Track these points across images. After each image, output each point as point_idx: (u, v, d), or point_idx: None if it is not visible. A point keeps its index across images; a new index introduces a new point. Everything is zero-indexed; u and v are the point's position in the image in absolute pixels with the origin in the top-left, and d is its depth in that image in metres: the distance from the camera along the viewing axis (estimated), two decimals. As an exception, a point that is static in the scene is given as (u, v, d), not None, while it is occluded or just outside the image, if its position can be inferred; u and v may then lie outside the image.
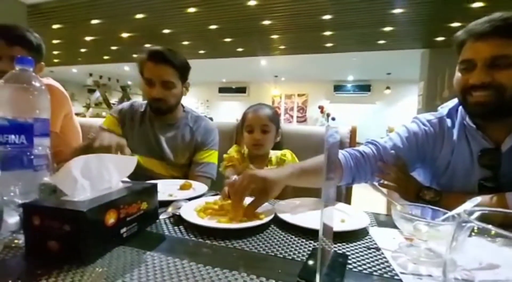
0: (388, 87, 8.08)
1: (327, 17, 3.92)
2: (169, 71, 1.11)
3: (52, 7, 4.12)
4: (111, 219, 0.47)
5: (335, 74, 8.06)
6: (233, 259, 0.47)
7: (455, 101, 0.86)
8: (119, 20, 4.40)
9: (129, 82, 8.87)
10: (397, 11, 3.65)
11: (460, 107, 0.84)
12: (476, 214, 0.30)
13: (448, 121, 0.85)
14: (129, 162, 0.58)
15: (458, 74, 0.77)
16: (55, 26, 4.79)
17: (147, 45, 1.16)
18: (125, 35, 5.04)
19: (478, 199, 0.63)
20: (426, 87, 5.14)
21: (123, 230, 0.50)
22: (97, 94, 6.87)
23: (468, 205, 0.62)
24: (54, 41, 5.58)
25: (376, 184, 0.82)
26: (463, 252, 0.28)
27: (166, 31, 4.75)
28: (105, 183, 0.52)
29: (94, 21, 4.47)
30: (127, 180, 0.61)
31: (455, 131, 0.83)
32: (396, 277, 0.44)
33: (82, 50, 6.24)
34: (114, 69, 8.00)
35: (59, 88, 1.31)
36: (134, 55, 5.68)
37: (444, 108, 0.89)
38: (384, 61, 6.25)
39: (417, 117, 0.90)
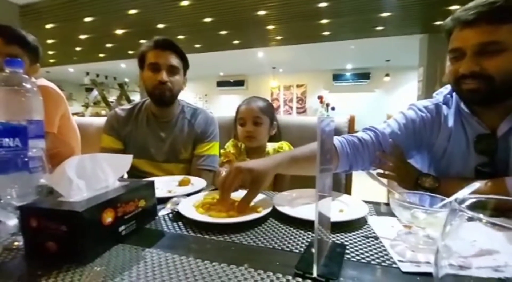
0: (387, 75, 7.99)
1: (322, 4, 3.85)
2: (175, 58, 1.13)
3: (44, 7, 4.06)
4: (108, 218, 0.47)
5: (334, 64, 7.97)
6: (232, 253, 0.47)
7: (449, 87, 0.85)
8: (112, 17, 4.34)
9: (126, 80, 8.82)
10: (394, -5, 3.58)
11: (455, 93, 0.83)
12: (469, 201, 0.29)
13: (444, 108, 0.85)
14: (124, 160, 0.58)
15: (448, 64, 0.76)
16: (48, 26, 4.73)
17: (142, 41, 1.16)
18: (119, 31, 4.99)
19: (476, 185, 0.63)
20: (426, 73, 5.09)
21: (121, 228, 0.50)
22: (95, 93, 6.84)
23: (466, 191, 0.62)
24: (49, 41, 5.52)
25: (374, 172, 0.81)
26: (459, 239, 0.28)
27: (160, 25, 4.69)
28: (101, 182, 0.52)
29: (87, 19, 4.42)
30: (125, 178, 0.62)
31: (451, 117, 0.82)
32: (394, 265, 0.44)
33: (77, 48, 6.19)
34: (110, 67, 7.94)
35: (54, 89, 1.30)
36: (130, 52, 5.62)
37: (439, 95, 0.88)
38: (383, 48, 6.17)
39: (414, 104, 0.89)
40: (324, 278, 0.39)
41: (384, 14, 4.21)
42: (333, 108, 8.26)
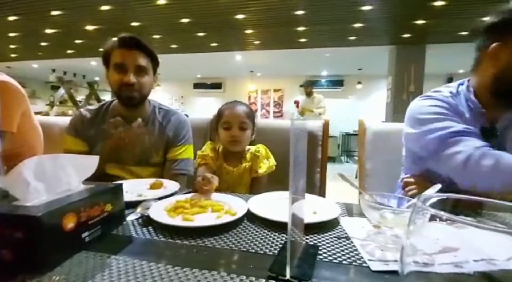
0: (359, 82, 8.35)
1: (299, 12, 3.95)
2: (143, 57, 1.07)
3: (6, -3, 3.77)
4: (69, 223, 0.43)
5: (310, 70, 8.18)
6: (204, 258, 0.46)
7: (451, 85, 0.90)
8: (82, 12, 4.12)
9: (97, 78, 8.39)
10: (365, 8, 3.76)
11: (464, 89, 0.87)
12: (433, 200, 0.31)
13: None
14: (90, 162, 0.54)
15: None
16: (11, 18, 4.39)
17: (115, 39, 1.10)
18: (90, 27, 4.75)
19: (438, 186, 0.67)
20: (394, 82, 5.38)
21: (85, 234, 0.47)
22: (62, 91, 6.39)
23: (431, 191, 0.66)
24: (10, 34, 5.12)
25: (344, 174, 0.84)
26: (423, 237, 0.29)
27: (135, 24, 4.54)
28: (63, 185, 0.48)
29: (54, 13, 4.16)
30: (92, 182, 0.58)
31: (464, 109, 0.85)
32: (364, 265, 0.45)
33: (43, 43, 5.79)
34: (79, 64, 7.51)
35: (14, 84, 1.21)
36: (101, 50, 5.39)
37: (447, 88, 0.91)
38: (356, 57, 6.44)
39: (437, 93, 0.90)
40: (296, 280, 0.39)
41: (357, 25, 4.41)
42: (308, 113, 8.45)
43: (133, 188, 0.81)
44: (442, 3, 3.56)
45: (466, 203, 0.32)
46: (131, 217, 0.60)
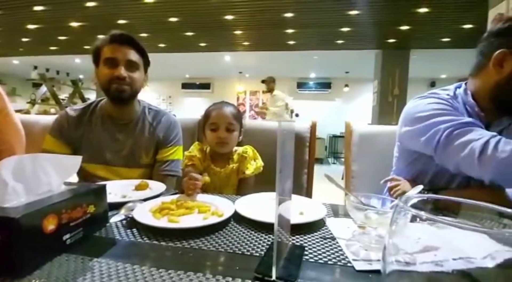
0: (346, 85, 8.51)
1: (288, 15, 3.99)
2: (135, 53, 1.06)
3: (-16, -10, 3.62)
4: (50, 225, 0.42)
5: (298, 72, 8.27)
6: (190, 260, 0.45)
7: (448, 88, 0.90)
8: (66, 8, 4.00)
9: (81, 76, 8.16)
10: (353, 12, 3.85)
11: (461, 92, 0.87)
12: (414, 200, 0.32)
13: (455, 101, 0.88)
14: (72, 162, 0.53)
15: None
16: (-11, 12, 4.22)
17: (101, 36, 1.08)
18: (74, 24, 4.62)
19: (420, 187, 0.69)
20: (380, 85, 5.52)
21: (66, 236, 0.45)
22: (44, 89, 6.13)
23: (413, 192, 0.68)
24: (-11, 29, 4.92)
25: (331, 176, 0.85)
26: (404, 236, 0.30)
27: (122, 21, 4.45)
28: (44, 186, 0.47)
29: (37, 8, 4.02)
30: (73, 182, 0.56)
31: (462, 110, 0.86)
32: (349, 264, 0.46)
33: (24, 39, 5.58)
34: (63, 61, 7.29)
35: None
36: (86, 47, 5.24)
37: (444, 92, 0.90)
38: (343, 60, 6.56)
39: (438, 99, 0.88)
40: (282, 281, 0.39)
41: (344, 29, 4.50)
42: (297, 115, 8.51)
43: (118, 189, 0.79)
44: (425, 10, 3.69)
45: (446, 203, 0.33)
46: (114, 219, 0.59)
